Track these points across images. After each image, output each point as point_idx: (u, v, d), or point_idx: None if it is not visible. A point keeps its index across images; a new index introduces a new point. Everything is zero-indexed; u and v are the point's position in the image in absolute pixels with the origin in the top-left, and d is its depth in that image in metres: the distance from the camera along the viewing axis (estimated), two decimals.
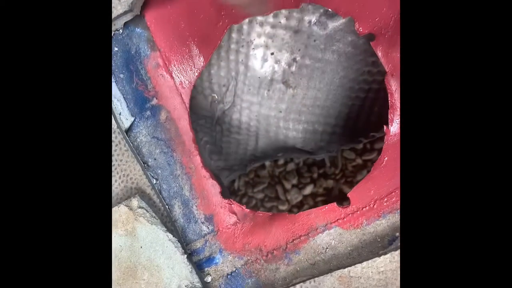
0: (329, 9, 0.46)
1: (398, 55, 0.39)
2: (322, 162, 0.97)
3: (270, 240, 0.43)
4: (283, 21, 0.50)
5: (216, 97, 0.57)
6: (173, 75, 0.46)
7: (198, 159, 0.46)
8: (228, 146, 0.62)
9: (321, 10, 0.48)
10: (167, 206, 0.46)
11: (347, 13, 0.41)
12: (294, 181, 1.00)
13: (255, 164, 0.66)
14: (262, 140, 0.60)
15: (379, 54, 0.40)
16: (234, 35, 0.51)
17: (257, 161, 0.64)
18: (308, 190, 0.98)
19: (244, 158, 0.64)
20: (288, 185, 1.02)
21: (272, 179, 1.01)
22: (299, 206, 1.01)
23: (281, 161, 0.97)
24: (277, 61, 0.52)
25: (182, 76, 0.46)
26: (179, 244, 0.43)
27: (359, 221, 0.40)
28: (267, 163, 0.97)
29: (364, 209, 0.40)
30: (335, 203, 0.42)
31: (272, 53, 0.52)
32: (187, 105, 0.46)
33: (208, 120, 0.60)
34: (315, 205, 0.98)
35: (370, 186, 0.40)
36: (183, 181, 0.46)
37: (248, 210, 0.45)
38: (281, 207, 1.01)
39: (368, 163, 0.86)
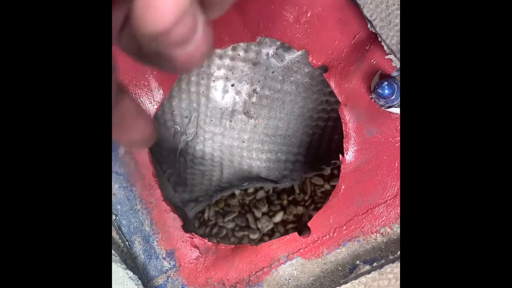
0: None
1: (351, 85, 0.40)
2: (291, 189, 0.97)
3: (233, 273, 0.43)
4: (241, 53, 0.51)
5: (179, 128, 0.57)
6: None
7: (158, 192, 0.45)
8: (192, 177, 0.61)
9: (278, 43, 0.50)
10: (127, 242, 0.45)
11: (301, 46, 0.42)
12: (264, 209, 0.99)
13: (220, 194, 0.65)
14: (226, 170, 0.60)
15: (332, 85, 0.41)
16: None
17: (223, 191, 0.64)
18: (279, 217, 0.98)
19: (209, 189, 0.63)
20: (258, 214, 1.01)
21: (243, 207, 1.01)
22: (270, 235, 1.00)
23: (251, 189, 0.97)
24: (237, 92, 0.53)
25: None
26: (139, 282, 0.42)
27: (320, 250, 0.40)
28: (237, 191, 0.96)
29: (324, 238, 0.40)
30: (296, 233, 0.42)
31: (232, 85, 0.53)
32: None
33: (171, 152, 0.60)
34: (286, 232, 0.98)
35: (329, 215, 0.40)
36: (143, 216, 0.45)
37: (210, 243, 0.44)
38: (252, 236, 1.00)
39: None
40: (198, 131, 0.56)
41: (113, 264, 0.42)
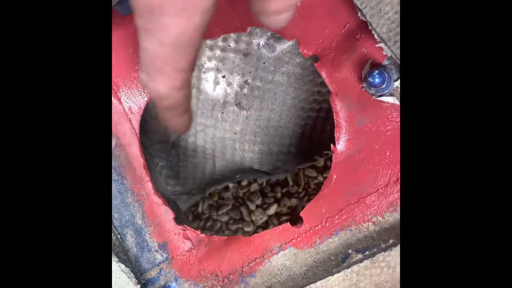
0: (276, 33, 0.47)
1: (342, 75, 0.40)
2: (285, 181, 0.97)
3: (226, 264, 0.43)
4: (232, 44, 0.50)
5: None
6: (122, 100, 0.45)
7: (149, 185, 0.45)
8: (185, 170, 0.61)
9: (269, 33, 0.49)
10: (119, 236, 0.45)
11: (292, 36, 0.42)
12: (258, 202, 0.99)
13: (213, 187, 0.65)
14: (219, 163, 0.59)
15: (323, 74, 0.41)
16: None
17: (216, 184, 0.64)
18: (273, 210, 0.98)
19: (202, 181, 0.63)
20: (252, 206, 1.01)
21: (236, 200, 1.01)
22: (264, 227, 1.00)
23: (244, 182, 0.97)
24: (229, 84, 0.53)
25: (131, 102, 0.45)
26: (132, 275, 0.42)
27: (312, 240, 0.40)
28: (231, 184, 0.96)
29: (316, 227, 0.40)
30: (288, 223, 0.42)
31: (223, 76, 0.52)
32: (137, 131, 0.45)
33: (163, 145, 0.59)
34: (280, 224, 0.98)
35: (321, 204, 0.40)
36: (134, 208, 0.45)
37: (203, 235, 0.44)
38: (247, 229, 1.00)
39: None
40: None
41: None
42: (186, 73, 0.29)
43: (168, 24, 0.26)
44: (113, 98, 0.45)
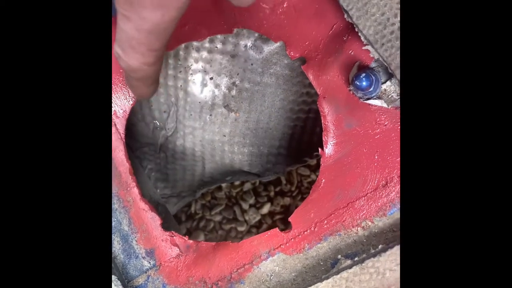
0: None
1: (329, 77, 0.39)
2: (278, 181, 0.97)
3: (214, 271, 0.42)
4: (219, 46, 0.49)
5: (158, 123, 0.56)
6: None
7: (135, 191, 0.44)
8: (174, 172, 0.60)
9: (256, 35, 0.48)
10: None
11: (278, 38, 0.41)
12: (252, 201, 0.99)
13: (203, 189, 0.64)
14: (208, 165, 0.59)
15: (311, 77, 0.40)
16: (170, 60, 0.50)
17: (206, 186, 0.63)
18: (266, 209, 0.97)
19: (192, 184, 0.62)
20: (245, 206, 1.01)
21: (229, 200, 1.00)
22: (258, 226, 1.00)
23: (237, 182, 0.97)
24: (216, 86, 0.52)
25: (115, 105, 0.44)
26: (119, 282, 0.41)
27: (301, 246, 0.40)
28: (224, 184, 0.95)
29: (305, 232, 0.40)
30: (277, 228, 0.41)
31: (211, 78, 0.51)
32: (122, 135, 0.44)
33: (151, 148, 0.58)
34: (274, 223, 0.97)
35: (310, 209, 0.40)
36: (121, 215, 0.44)
37: (191, 241, 0.43)
38: (240, 228, 0.99)
39: None
40: (178, 125, 0.55)
41: None
42: (159, 51, 0.31)
43: (145, 15, 0.28)
44: None
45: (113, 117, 0.44)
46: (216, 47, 0.49)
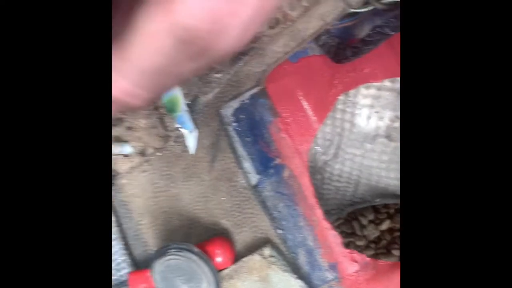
0: None
1: None
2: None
3: None
4: (388, 84, 0.55)
5: (320, 149, 0.63)
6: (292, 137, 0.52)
7: (319, 212, 0.51)
8: (328, 193, 0.67)
9: None
10: (293, 255, 0.52)
11: None
12: (371, 217, 1.02)
13: (352, 208, 0.70)
14: (362, 188, 0.64)
15: None
16: (341, 97, 0.57)
17: (355, 205, 0.69)
18: (385, 225, 1.00)
19: (341, 203, 0.68)
20: (364, 221, 1.04)
21: (349, 215, 1.05)
22: (377, 242, 1.03)
23: None
24: (380, 118, 0.58)
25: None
26: (306, 286, 0.48)
27: None
28: None
29: None
30: None
31: (376, 112, 0.57)
32: (306, 164, 0.52)
33: (310, 170, 0.66)
34: (393, 240, 1.00)
35: None
36: (306, 232, 0.51)
37: (368, 259, 0.49)
38: (358, 243, 1.03)
39: None
40: (338, 152, 0.62)
41: (286, 274, 0.49)
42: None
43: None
44: (285, 136, 0.52)
45: (299, 148, 0.52)
46: (385, 85, 0.55)
